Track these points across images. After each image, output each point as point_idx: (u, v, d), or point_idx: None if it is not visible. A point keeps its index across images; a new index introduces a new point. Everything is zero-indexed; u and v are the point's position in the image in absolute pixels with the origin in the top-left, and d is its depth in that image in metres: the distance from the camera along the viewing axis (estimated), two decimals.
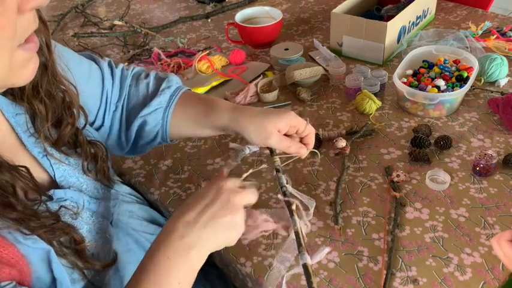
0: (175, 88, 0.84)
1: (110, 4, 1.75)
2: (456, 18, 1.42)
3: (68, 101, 0.65)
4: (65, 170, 0.65)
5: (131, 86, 0.85)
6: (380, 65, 1.23)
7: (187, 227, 0.61)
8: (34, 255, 0.54)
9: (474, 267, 0.75)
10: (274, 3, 1.62)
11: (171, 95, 0.84)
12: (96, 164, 0.69)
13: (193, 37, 1.47)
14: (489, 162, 0.88)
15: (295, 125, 0.76)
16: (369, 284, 0.74)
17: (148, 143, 0.86)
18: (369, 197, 0.88)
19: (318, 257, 0.68)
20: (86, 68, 0.79)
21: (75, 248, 0.59)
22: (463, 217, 0.83)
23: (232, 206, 0.63)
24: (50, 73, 0.61)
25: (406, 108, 1.07)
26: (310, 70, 1.16)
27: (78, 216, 0.62)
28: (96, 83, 0.81)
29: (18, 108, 0.62)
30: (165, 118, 0.83)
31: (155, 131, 0.84)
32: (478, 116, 1.04)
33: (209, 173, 0.96)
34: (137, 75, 0.87)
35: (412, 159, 0.94)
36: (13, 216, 0.51)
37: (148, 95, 0.84)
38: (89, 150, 0.69)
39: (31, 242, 0.53)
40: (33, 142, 0.62)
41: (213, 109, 0.81)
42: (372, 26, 1.20)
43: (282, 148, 0.76)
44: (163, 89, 0.83)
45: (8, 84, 0.52)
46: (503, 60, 1.12)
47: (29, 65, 0.51)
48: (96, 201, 0.68)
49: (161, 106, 0.83)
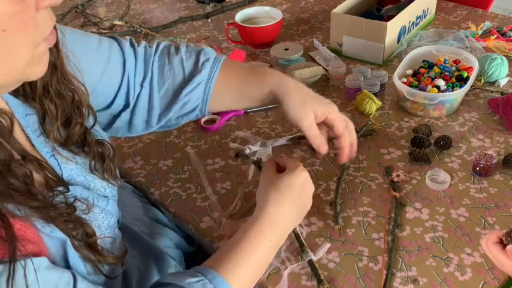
0: (213, 59, 0.82)
1: (110, 4, 1.75)
2: (456, 18, 1.42)
3: (77, 101, 0.66)
4: (72, 169, 0.66)
5: (163, 64, 0.82)
6: (380, 65, 1.23)
7: (284, 218, 0.71)
8: (51, 244, 0.55)
9: (474, 267, 0.75)
10: (274, 3, 1.62)
11: (211, 67, 0.81)
12: (103, 163, 0.70)
13: (193, 37, 1.47)
14: (489, 162, 0.88)
15: (334, 118, 0.78)
16: (369, 284, 0.74)
17: (183, 116, 0.84)
18: (369, 197, 0.88)
19: (320, 252, 0.77)
20: (106, 52, 0.77)
21: (87, 242, 0.61)
22: (463, 217, 0.83)
23: (311, 196, 0.76)
24: (59, 73, 0.63)
25: (406, 108, 1.07)
26: (310, 70, 1.16)
27: (89, 211, 0.63)
28: (117, 67, 0.79)
29: (29, 109, 0.63)
30: (206, 91, 0.82)
31: (195, 105, 0.83)
32: (478, 116, 1.04)
33: (209, 173, 0.96)
34: (167, 51, 0.83)
35: (412, 159, 0.94)
36: (34, 204, 0.53)
37: (188, 72, 0.81)
38: (97, 150, 0.70)
39: (49, 230, 0.55)
40: (42, 142, 0.63)
41: (260, 74, 0.82)
42: (372, 26, 1.20)
43: (309, 135, 0.77)
44: (203, 62, 0.81)
45: (23, 78, 0.54)
46: (503, 60, 1.12)
47: (43, 58, 0.54)
48: (104, 198, 0.70)
49: (203, 79, 0.81)
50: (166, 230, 0.92)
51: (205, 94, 0.82)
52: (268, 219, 0.70)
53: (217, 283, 0.62)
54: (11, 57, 0.49)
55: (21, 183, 0.53)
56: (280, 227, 0.71)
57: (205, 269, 0.64)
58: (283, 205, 0.71)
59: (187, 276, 0.63)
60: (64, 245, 0.56)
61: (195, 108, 0.83)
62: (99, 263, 0.62)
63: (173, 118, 0.84)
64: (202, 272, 0.64)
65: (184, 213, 0.89)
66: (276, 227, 0.71)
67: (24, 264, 0.49)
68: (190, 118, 0.85)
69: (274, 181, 0.73)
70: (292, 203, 0.72)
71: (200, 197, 0.92)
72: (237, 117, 1.11)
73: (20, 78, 0.53)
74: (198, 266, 0.66)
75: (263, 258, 0.69)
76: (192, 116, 0.85)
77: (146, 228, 0.88)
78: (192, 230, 0.86)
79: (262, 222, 0.70)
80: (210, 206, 0.89)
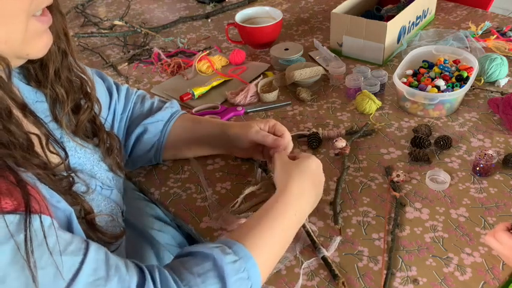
0: (177, 109, 0.96)
1: (110, 4, 1.75)
2: (456, 18, 1.42)
3: (85, 87, 0.71)
4: (79, 157, 0.69)
5: (136, 103, 0.93)
6: (380, 65, 1.23)
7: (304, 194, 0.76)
8: (58, 214, 0.56)
9: (474, 267, 0.75)
10: (274, 3, 1.62)
11: (172, 113, 0.94)
12: (111, 154, 0.74)
13: (193, 37, 1.47)
14: (489, 162, 0.88)
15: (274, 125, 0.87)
16: (369, 284, 0.74)
17: (142, 156, 0.93)
18: (369, 197, 0.88)
19: (332, 248, 0.79)
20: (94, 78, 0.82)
21: (85, 218, 0.62)
22: (463, 217, 0.83)
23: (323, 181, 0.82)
24: (69, 60, 0.67)
25: (406, 108, 1.07)
26: (310, 70, 1.16)
27: (89, 194, 0.66)
28: (106, 94, 0.86)
29: (40, 95, 0.67)
30: (164, 131, 0.92)
31: (152, 142, 0.91)
32: (478, 116, 1.04)
33: (209, 173, 0.96)
34: (142, 95, 0.96)
35: (412, 159, 0.94)
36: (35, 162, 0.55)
37: (153, 109, 0.93)
38: (106, 138, 0.74)
39: (56, 200, 0.56)
40: (52, 129, 0.65)
41: (208, 121, 0.95)
42: (372, 26, 1.20)
43: (260, 138, 0.86)
44: (167, 107, 0.94)
45: (23, 54, 0.58)
46: (503, 60, 1.12)
47: (43, 36, 0.58)
48: (109, 188, 0.72)
49: (163, 119, 0.92)
50: (169, 228, 0.92)
51: (162, 134, 0.92)
52: (293, 192, 0.74)
53: (237, 250, 0.64)
54: (7, 23, 0.52)
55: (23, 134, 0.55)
56: (303, 202, 0.76)
57: (225, 239, 0.67)
58: (306, 180, 0.76)
59: (206, 243, 0.66)
60: (69, 217, 0.58)
61: (152, 147, 0.92)
62: (98, 241, 0.63)
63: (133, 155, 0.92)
64: (222, 241, 0.66)
65: (184, 213, 0.89)
66: (301, 200, 0.75)
67: (40, 219, 0.51)
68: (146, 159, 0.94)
69: (293, 164, 0.78)
70: (312, 181, 0.78)
71: (200, 197, 0.92)
72: (237, 117, 1.12)
73: (18, 52, 0.56)
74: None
75: (286, 230, 0.72)
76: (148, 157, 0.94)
77: (149, 224, 0.89)
78: (192, 230, 0.86)
79: (289, 194, 0.74)
80: (210, 206, 0.89)
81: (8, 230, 0.48)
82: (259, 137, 0.86)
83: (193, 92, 1.17)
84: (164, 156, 0.95)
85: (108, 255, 0.57)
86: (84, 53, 1.43)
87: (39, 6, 0.56)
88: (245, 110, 1.12)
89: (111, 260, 0.57)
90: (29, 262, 0.48)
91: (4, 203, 0.48)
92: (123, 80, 1.28)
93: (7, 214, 0.48)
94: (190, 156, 0.99)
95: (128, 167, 0.93)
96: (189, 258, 0.63)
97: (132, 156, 0.92)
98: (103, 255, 0.56)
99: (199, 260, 0.62)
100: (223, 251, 0.62)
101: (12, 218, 0.48)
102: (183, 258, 0.64)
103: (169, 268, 0.61)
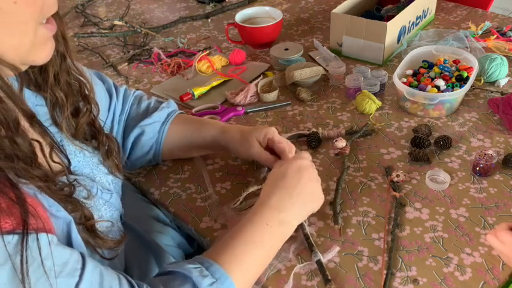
0: (173, 109, 0.95)
1: (110, 4, 1.75)
2: (456, 18, 1.42)
3: (84, 90, 0.71)
4: (79, 161, 0.69)
5: (133, 104, 0.93)
6: (380, 65, 1.23)
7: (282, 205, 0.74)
8: (57, 224, 0.56)
9: (474, 267, 0.75)
10: (274, 3, 1.62)
11: (169, 113, 0.93)
12: (110, 156, 0.74)
13: (193, 37, 1.47)
14: (489, 162, 0.88)
15: (272, 136, 0.85)
16: (369, 284, 0.74)
17: (141, 157, 0.92)
18: (369, 197, 0.88)
19: (329, 254, 0.78)
20: (94, 80, 0.83)
21: (86, 225, 0.62)
22: (463, 217, 0.83)
23: (314, 180, 0.79)
24: (68, 63, 0.67)
25: (406, 108, 1.07)
26: (310, 70, 1.16)
27: (90, 197, 0.66)
28: (106, 96, 0.86)
29: (39, 99, 0.66)
30: (161, 132, 0.91)
31: (150, 143, 0.91)
32: (478, 116, 1.04)
33: (209, 173, 0.96)
34: (139, 96, 0.95)
35: (412, 159, 0.94)
36: (37, 173, 0.55)
37: (150, 110, 0.92)
38: (105, 140, 0.74)
39: (55, 209, 0.56)
40: (51, 132, 0.64)
41: (205, 124, 0.93)
42: (371, 26, 1.20)
43: (261, 160, 0.86)
44: (164, 107, 0.93)
45: (29, 61, 0.57)
46: (503, 60, 1.12)
47: (48, 44, 0.58)
48: (108, 192, 0.72)
49: (160, 120, 0.91)
50: (168, 229, 0.92)
51: (159, 134, 0.91)
52: (272, 205, 0.73)
53: (214, 271, 0.64)
54: (19, 32, 0.53)
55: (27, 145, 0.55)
56: (276, 212, 0.73)
57: (203, 258, 0.66)
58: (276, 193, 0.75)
59: (185, 263, 0.65)
60: (68, 226, 0.58)
61: (150, 149, 0.91)
62: (99, 247, 0.64)
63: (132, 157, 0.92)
64: (200, 261, 0.66)
65: (184, 213, 0.89)
66: (272, 211, 0.73)
67: (37, 237, 0.50)
68: (145, 160, 0.93)
69: (280, 175, 0.78)
70: (286, 190, 0.75)
71: (200, 197, 0.92)
72: (237, 117, 1.12)
73: (25, 59, 0.56)
74: (198, 255, 0.68)
75: (265, 243, 0.71)
76: (147, 158, 0.93)
77: (148, 226, 0.89)
78: (191, 230, 0.86)
79: (267, 208, 0.73)
80: (210, 206, 0.89)
81: (7, 250, 0.48)
82: (262, 160, 0.86)
83: (193, 92, 1.17)
84: (163, 156, 0.94)
85: (103, 277, 0.57)
86: (84, 53, 1.43)
87: (47, 14, 0.57)
88: (245, 110, 1.12)
89: (105, 281, 0.57)
90: (25, 284, 0.48)
91: (4, 222, 0.48)
92: (123, 80, 1.29)
93: (6, 234, 0.48)
94: (190, 156, 0.98)
95: (127, 168, 0.93)
96: (170, 278, 0.64)
97: (131, 158, 0.92)
98: (98, 276, 0.56)
99: (179, 281, 0.63)
100: (201, 273, 0.63)
101: (11, 238, 0.48)
102: (163, 277, 0.65)
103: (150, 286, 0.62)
